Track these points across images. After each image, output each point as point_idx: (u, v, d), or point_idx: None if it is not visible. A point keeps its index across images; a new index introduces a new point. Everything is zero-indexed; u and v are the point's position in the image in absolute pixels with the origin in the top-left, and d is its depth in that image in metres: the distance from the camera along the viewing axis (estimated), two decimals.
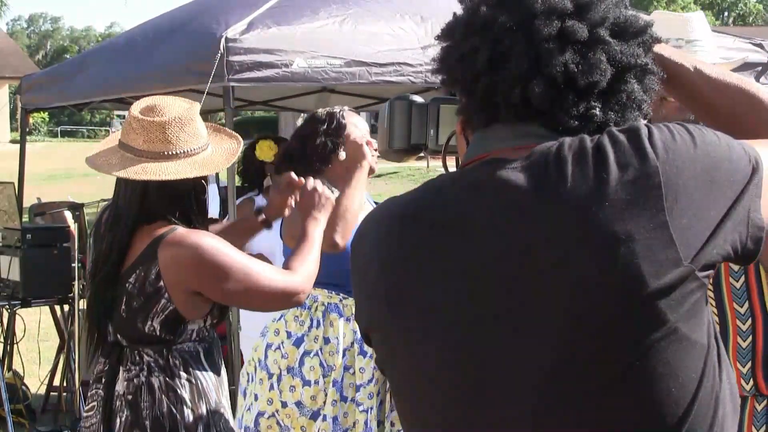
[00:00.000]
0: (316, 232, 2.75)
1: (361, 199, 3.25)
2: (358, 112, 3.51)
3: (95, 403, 2.56)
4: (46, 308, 5.82)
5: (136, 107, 2.57)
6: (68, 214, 6.01)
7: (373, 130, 3.00)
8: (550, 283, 1.21)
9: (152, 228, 2.53)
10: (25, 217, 7.01)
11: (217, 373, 2.62)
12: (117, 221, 2.57)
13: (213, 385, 2.59)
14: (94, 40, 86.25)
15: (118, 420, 2.50)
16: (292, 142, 3.47)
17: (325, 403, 3.18)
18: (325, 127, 3.34)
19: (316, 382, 3.19)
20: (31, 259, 5.23)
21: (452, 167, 1.53)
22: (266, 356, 3.24)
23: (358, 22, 4.94)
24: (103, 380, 2.56)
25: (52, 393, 5.99)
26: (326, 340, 3.21)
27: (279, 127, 15.02)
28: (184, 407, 2.51)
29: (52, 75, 7.07)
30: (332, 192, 3.23)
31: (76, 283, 5.32)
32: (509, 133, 1.32)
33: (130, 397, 2.50)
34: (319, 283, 3.19)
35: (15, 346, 5.90)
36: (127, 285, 2.52)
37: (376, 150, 3.35)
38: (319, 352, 3.21)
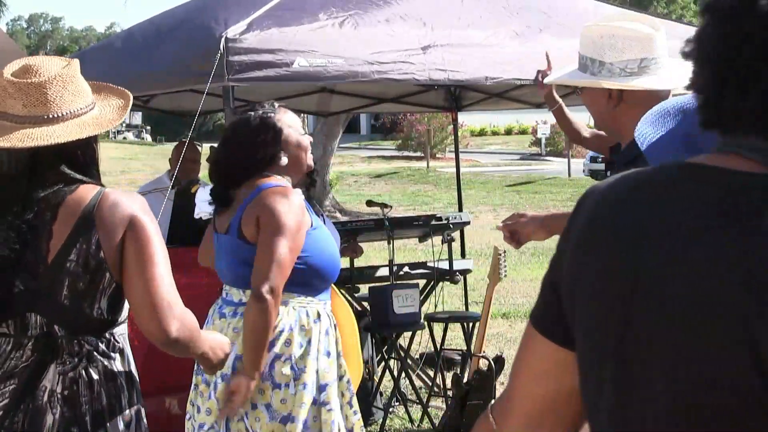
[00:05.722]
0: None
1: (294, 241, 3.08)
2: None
3: (6, 401, 2.29)
4: None
5: (8, 70, 2.30)
6: None
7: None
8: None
9: (71, 200, 2.30)
10: None
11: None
12: (16, 203, 2.29)
13: (135, 369, 2.49)
14: (94, 40, 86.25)
15: (50, 417, 2.29)
16: (223, 152, 3.28)
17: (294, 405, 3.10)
18: (262, 137, 3.18)
19: (287, 386, 3.10)
20: None
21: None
22: (235, 368, 3.08)
23: (358, 24, 4.94)
24: (23, 375, 2.30)
25: None
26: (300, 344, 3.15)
27: None
28: (122, 396, 2.38)
29: None
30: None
31: None
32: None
33: (66, 392, 2.30)
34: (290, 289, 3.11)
35: None
36: (68, 264, 2.28)
37: (309, 146, 3.29)
38: (291, 356, 3.13)
